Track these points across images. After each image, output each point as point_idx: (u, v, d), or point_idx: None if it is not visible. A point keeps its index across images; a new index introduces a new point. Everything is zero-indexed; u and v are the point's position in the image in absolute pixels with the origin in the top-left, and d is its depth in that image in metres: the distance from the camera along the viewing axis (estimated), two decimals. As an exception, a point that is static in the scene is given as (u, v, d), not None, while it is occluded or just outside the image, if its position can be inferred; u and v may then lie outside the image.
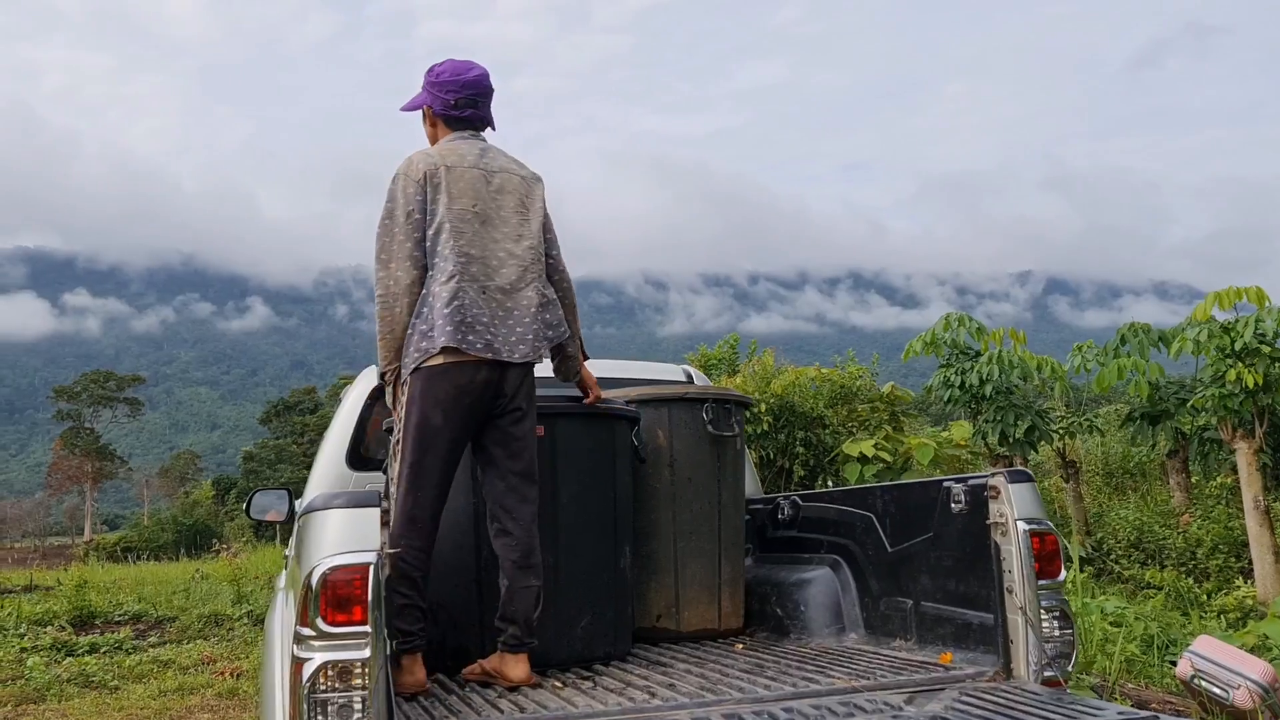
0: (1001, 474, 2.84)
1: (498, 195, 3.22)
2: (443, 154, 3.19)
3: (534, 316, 3.17)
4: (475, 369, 3.03)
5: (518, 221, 3.24)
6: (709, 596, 3.73)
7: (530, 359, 3.16)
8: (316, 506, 2.39)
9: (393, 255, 3.10)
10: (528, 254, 3.22)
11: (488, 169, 3.23)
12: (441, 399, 3.00)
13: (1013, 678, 2.76)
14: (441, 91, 3.30)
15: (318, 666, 2.24)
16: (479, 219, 3.15)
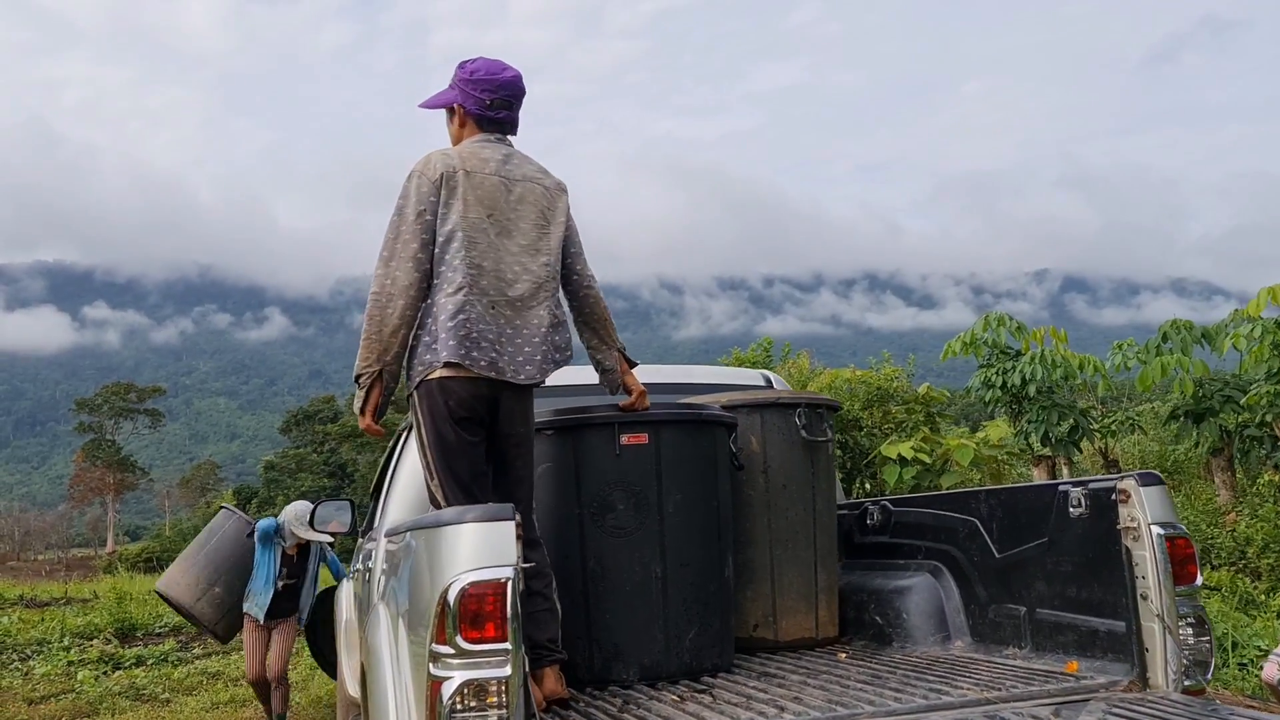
0: (1132, 477, 2.76)
1: (518, 205, 3.08)
2: (464, 156, 3.05)
3: (544, 337, 3.04)
4: (475, 384, 2.93)
5: (536, 235, 3.09)
6: (806, 605, 3.66)
7: (535, 380, 3.04)
8: (448, 520, 2.33)
9: (395, 254, 2.96)
10: (543, 270, 3.08)
11: (509, 177, 3.09)
12: (449, 412, 2.92)
13: (1149, 687, 2.68)
14: (476, 90, 3.14)
15: (458, 686, 2.18)
16: (495, 229, 3.01)
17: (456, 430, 2.91)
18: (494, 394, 2.97)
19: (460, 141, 3.18)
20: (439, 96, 3.23)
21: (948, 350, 12.43)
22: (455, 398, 2.91)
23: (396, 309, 2.93)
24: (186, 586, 6.74)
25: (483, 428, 2.98)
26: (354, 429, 52.86)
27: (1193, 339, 11.09)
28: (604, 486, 3.15)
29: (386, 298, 2.94)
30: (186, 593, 6.72)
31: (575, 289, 3.25)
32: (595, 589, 3.12)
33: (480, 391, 2.93)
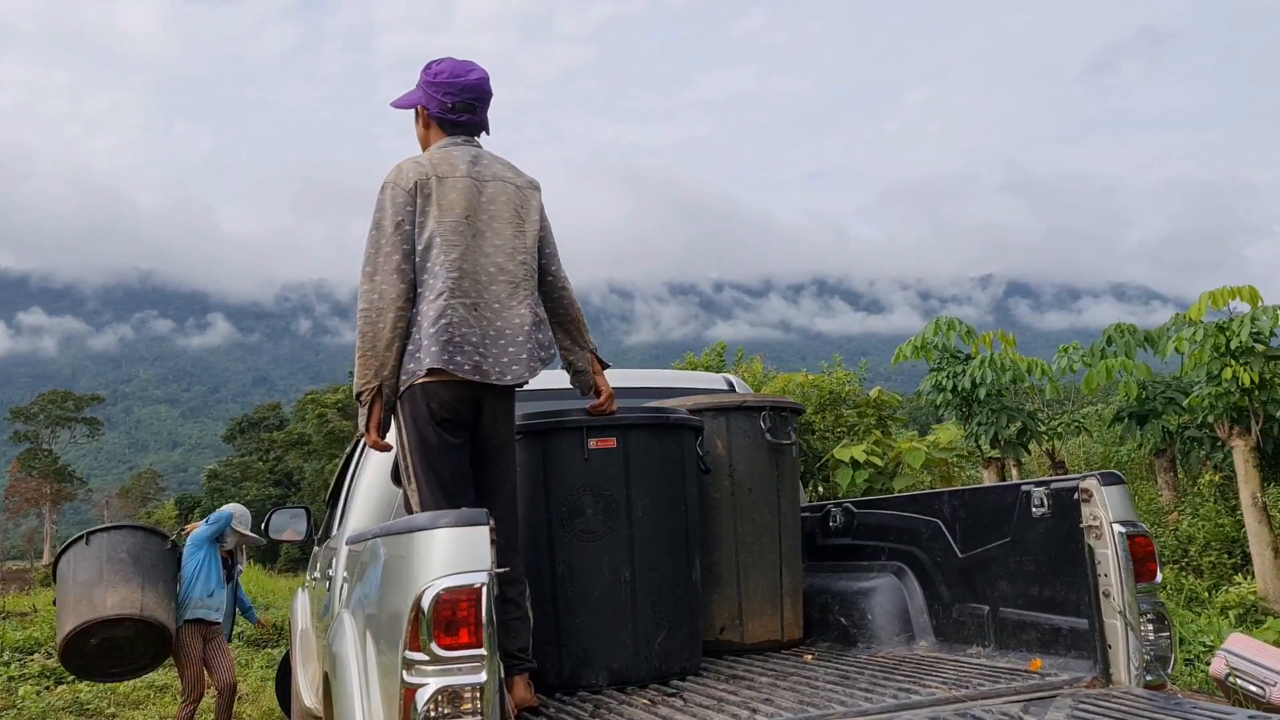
0: (1094, 477, 2.81)
1: (490, 206, 3.06)
2: (434, 162, 3.04)
3: (527, 335, 3.03)
4: (458, 386, 2.91)
5: (511, 234, 3.09)
6: (772, 608, 3.68)
7: (522, 380, 3.03)
8: (421, 525, 2.30)
9: (378, 268, 2.93)
10: (520, 269, 3.07)
11: (480, 178, 3.07)
12: (430, 414, 2.90)
13: (1112, 683, 2.73)
14: (439, 93, 3.12)
15: (433, 692, 2.16)
16: (471, 231, 3.00)
17: (439, 432, 2.89)
18: (477, 395, 2.95)
19: (428, 143, 3.17)
20: (406, 97, 3.21)
21: (899, 354, 12.56)
22: (438, 400, 2.89)
23: (387, 322, 2.91)
24: (122, 600, 6.02)
25: (466, 430, 2.96)
26: (300, 436, 52.15)
27: (1136, 342, 11.32)
28: (573, 490, 3.14)
29: (376, 313, 2.92)
30: (125, 605, 6.00)
31: (549, 290, 3.24)
32: (564, 593, 3.11)
33: (463, 393, 2.92)
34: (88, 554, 6.23)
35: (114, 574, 6.12)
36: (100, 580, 6.08)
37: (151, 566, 6.27)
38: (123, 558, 6.20)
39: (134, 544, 6.29)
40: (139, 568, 6.18)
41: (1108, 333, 11.47)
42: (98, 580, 6.09)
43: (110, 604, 5.97)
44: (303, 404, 56.22)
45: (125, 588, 6.08)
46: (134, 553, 6.26)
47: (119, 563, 6.17)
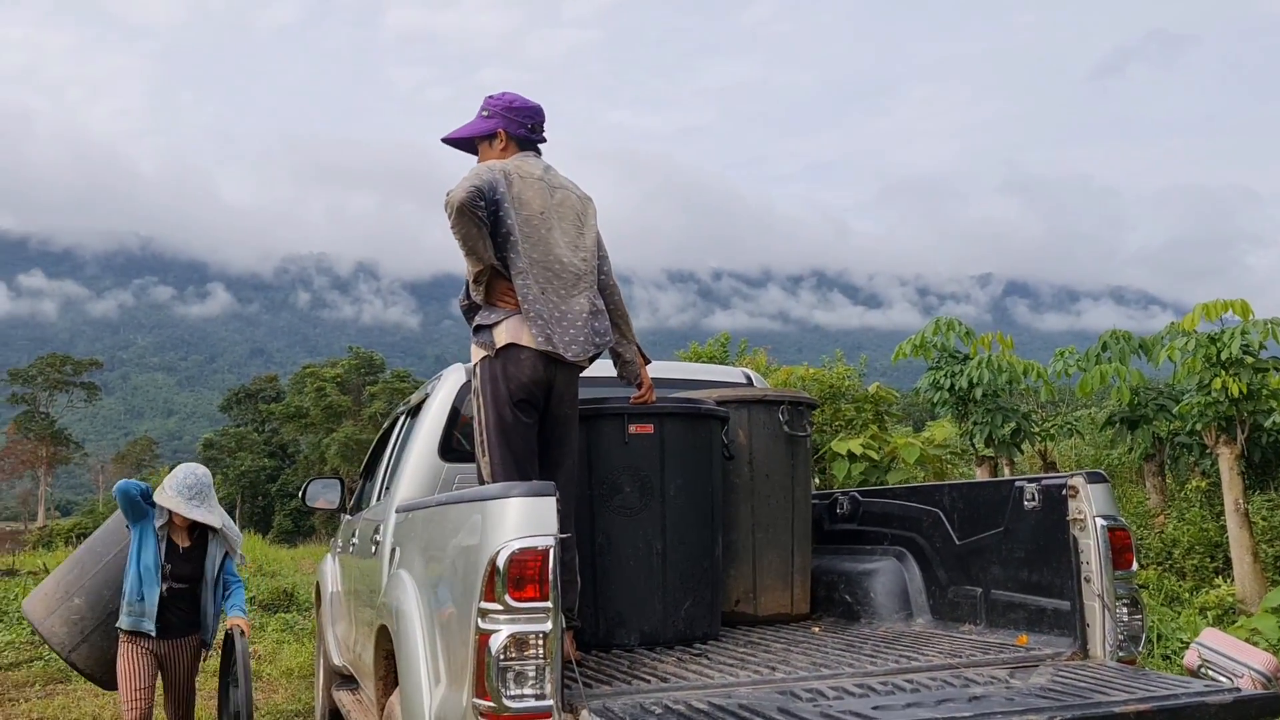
0: (1081, 475, 3.16)
1: (559, 208, 3.52)
2: (515, 166, 3.48)
3: (585, 322, 3.46)
4: (534, 361, 3.32)
5: (575, 234, 3.54)
6: (783, 584, 4.04)
7: (581, 360, 3.44)
8: (496, 495, 2.65)
9: (460, 188, 3.26)
10: (582, 265, 3.52)
11: (551, 183, 3.53)
12: (509, 395, 3.31)
13: (1089, 657, 3.09)
14: (517, 116, 3.60)
15: (505, 638, 2.51)
16: (545, 227, 3.43)
17: (515, 412, 3.28)
18: (549, 377, 3.35)
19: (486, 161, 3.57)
20: (477, 126, 3.61)
21: (898, 352, 12.89)
22: (515, 382, 3.29)
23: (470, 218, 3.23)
24: (43, 598, 5.03)
25: (537, 411, 3.35)
26: (298, 409, 52.50)
27: (1130, 349, 11.66)
28: (613, 470, 3.50)
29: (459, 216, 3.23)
30: (40, 606, 5.01)
31: (601, 288, 3.65)
32: (602, 562, 3.47)
33: (538, 375, 3.31)
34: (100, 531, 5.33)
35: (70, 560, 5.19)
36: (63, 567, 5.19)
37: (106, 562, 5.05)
38: (90, 543, 5.22)
39: (114, 526, 5.18)
40: (86, 559, 5.11)
41: (1103, 338, 11.80)
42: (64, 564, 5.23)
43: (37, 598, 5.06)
44: (300, 377, 56.50)
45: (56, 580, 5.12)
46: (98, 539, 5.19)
47: (82, 549, 5.23)
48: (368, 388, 51.26)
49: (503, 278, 3.36)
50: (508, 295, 3.36)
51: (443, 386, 4.48)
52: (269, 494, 56.18)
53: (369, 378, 52.87)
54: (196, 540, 4.91)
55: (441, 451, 4.32)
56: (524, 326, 3.32)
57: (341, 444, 47.34)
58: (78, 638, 4.94)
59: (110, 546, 5.04)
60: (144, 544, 4.77)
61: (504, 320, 3.35)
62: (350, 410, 50.74)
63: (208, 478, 4.86)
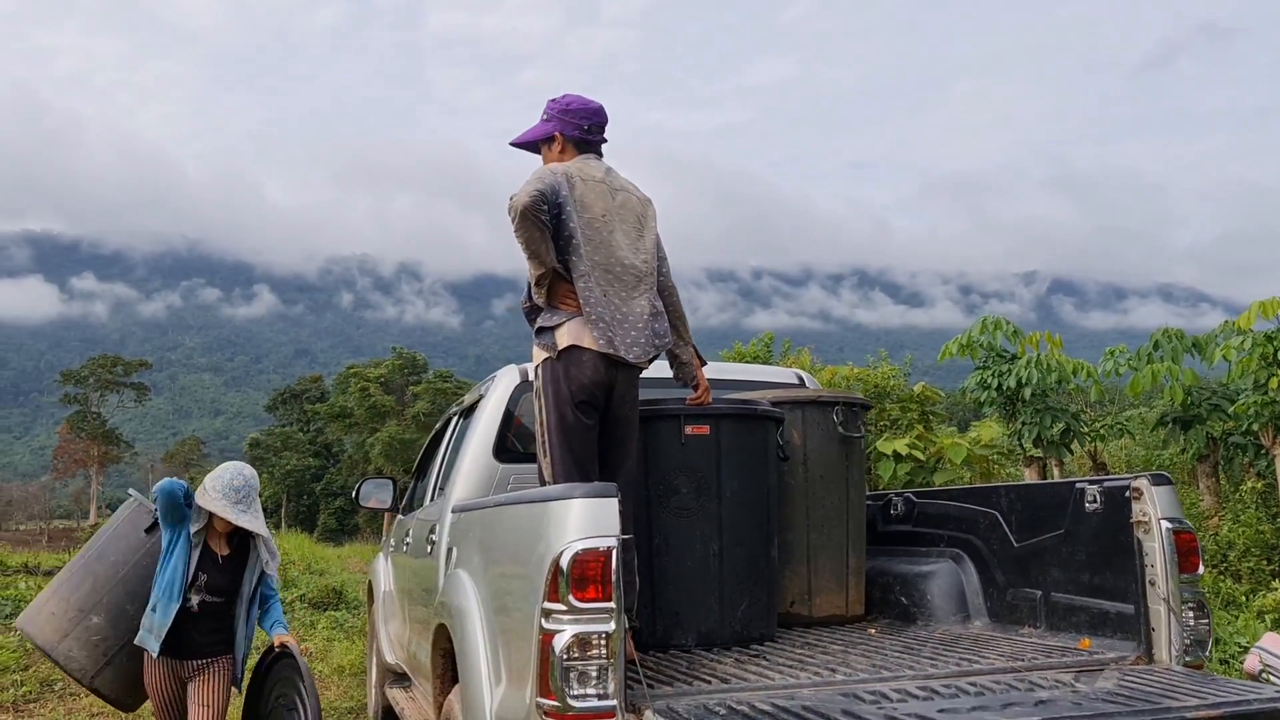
0: (1145, 477, 3.12)
1: (620, 210, 3.54)
2: (577, 168, 3.50)
3: (646, 324, 3.48)
4: (595, 363, 3.35)
5: (635, 236, 3.56)
6: (838, 585, 4.03)
7: (642, 361, 3.46)
8: (557, 496, 2.67)
9: (524, 191, 3.29)
10: (643, 266, 3.54)
11: (612, 186, 3.56)
12: (571, 396, 3.33)
13: (1154, 662, 3.05)
14: (575, 119, 3.61)
15: (568, 638, 2.53)
16: (606, 229, 3.45)
17: (576, 413, 3.31)
18: (610, 379, 3.37)
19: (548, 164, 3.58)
20: (537, 130, 3.64)
21: (945, 351, 12.79)
22: (576, 383, 3.31)
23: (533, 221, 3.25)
24: (49, 617, 4.41)
25: (598, 412, 3.37)
26: (342, 409, 53.10)
27: (1183, 348, 11.48)
28: (670, 471, 3.51)
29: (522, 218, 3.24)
30: (48, 626, 4.39)
31: (660, 289, 3.67)
32: (660, 563, 3.48)
33: (599, 377, 3.34)
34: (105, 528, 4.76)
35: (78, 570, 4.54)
36: (63, 577, 4.58)
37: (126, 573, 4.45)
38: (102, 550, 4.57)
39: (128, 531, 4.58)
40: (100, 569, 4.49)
41: (1155, 337, 11.63)
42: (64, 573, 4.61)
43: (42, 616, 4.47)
44: (344, 377, 57.10)
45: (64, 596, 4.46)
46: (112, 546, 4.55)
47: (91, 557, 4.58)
48: (411, 388, 51.72)
49: (564, 280, 3.38)
50: (569, 297, 3.38)
51: (497, 388, 4.51)
52: (314, 493, 56.87)
53: (412, 378, 53.34)
54: (236, 549, 4.35)
55: (496, 452, 4.36)
56: (586, 329, 3.34)
57: (385, 443, 47.79)
58: (100, 661, 4.35)
59: (128, 555, 4.44)
60: (175, 551, 4.20)
61: (566, 322, 3.37)
62: (394, 410, 51.21)
63: (255, 479, 4.32)
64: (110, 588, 4.39)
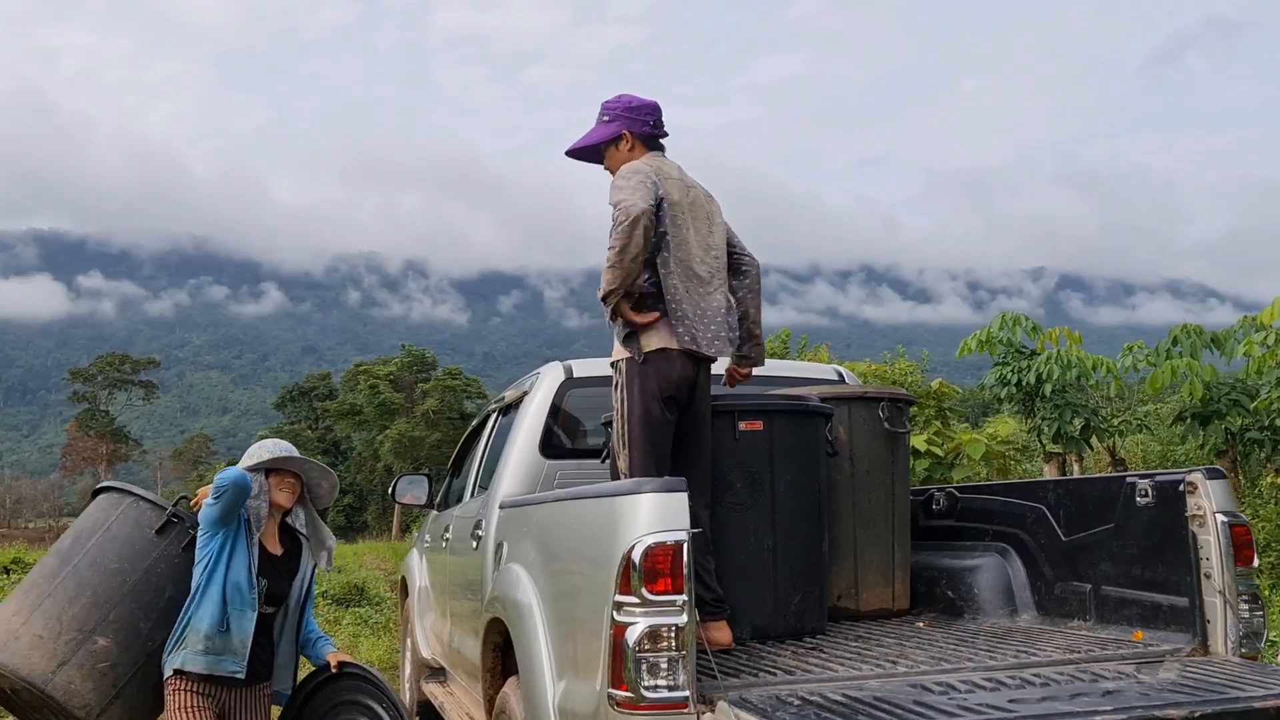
0: (1199, 471, 3.16)
1: (693, 206, 3.59)
2: (657, 166, 3.53)
3: (723, 319, 3.54)
4: (681, 361, 3.41)
5: (706, 232, 3.61)
6: (884, 579, 4.07)
7: (719, 356, 3.55)
8: (628, 490, 2.71)
9: (633, 191, 3.33)
10: (715, 262, 3.60)
11: (685, 182, 3.61)
12: (658, 391, 3.37)
13: (1209, 654, 3.08)
14: (642, 116, 3.64)
15: (641, 631, 2.57)
16: (685, 225, 3.51)
17: (662, 408, 3.36)
18: (694, 375, 3.44)
19: (624, 164, 3.58)
20: (602, 132, 3.62)
21: (964, 347, 12.82)
22: (664, 378, 3.36)
23: (641, 230, 3.25)
24: (35, 641, 3.57)
25: (679, 408, 3.42)
26: (351, 407, 53.24)
27: (1202, 344, 11.49)
28: (724, 467, 3.56)
29: (630, 221, 3.24)
30: (35, 653, 3.56)
31: (740, 262, 3.77)
32: (715, 557, 3.51)
33: (687, 373, 3.41)
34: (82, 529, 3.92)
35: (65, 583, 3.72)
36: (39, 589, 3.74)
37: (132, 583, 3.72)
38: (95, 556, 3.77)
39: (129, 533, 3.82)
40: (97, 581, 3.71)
41: (1174, 333, 11.64)
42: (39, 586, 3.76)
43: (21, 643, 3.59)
44: (353, 374, 57.18)
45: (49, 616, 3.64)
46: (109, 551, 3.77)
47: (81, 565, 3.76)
48: (420, 385, 51.80)
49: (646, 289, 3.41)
50: (653, 298, 3.42)
51: (542, 384, 4.55)
52: (323, 490, 56.92)
53: (421, 375, 53.43)
54: (289, 549, 3.97)
55: (542, 448, 4.40)
56: (670, 328, 3.38)
57: (395, 441, 47.88)
58: (110, 693, 3.62)
59: (134, 560, 3.72)
60: (234, 553, 3.69)
61: (651, 325, 3.40)
62: (403, 407, 51.29)
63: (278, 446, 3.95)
64: (116, 601, 3.64)
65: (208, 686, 3.67)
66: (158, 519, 3.82)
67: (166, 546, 3.78)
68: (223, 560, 3.68)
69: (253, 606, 3.71)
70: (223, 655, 3.65)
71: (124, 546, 3.77)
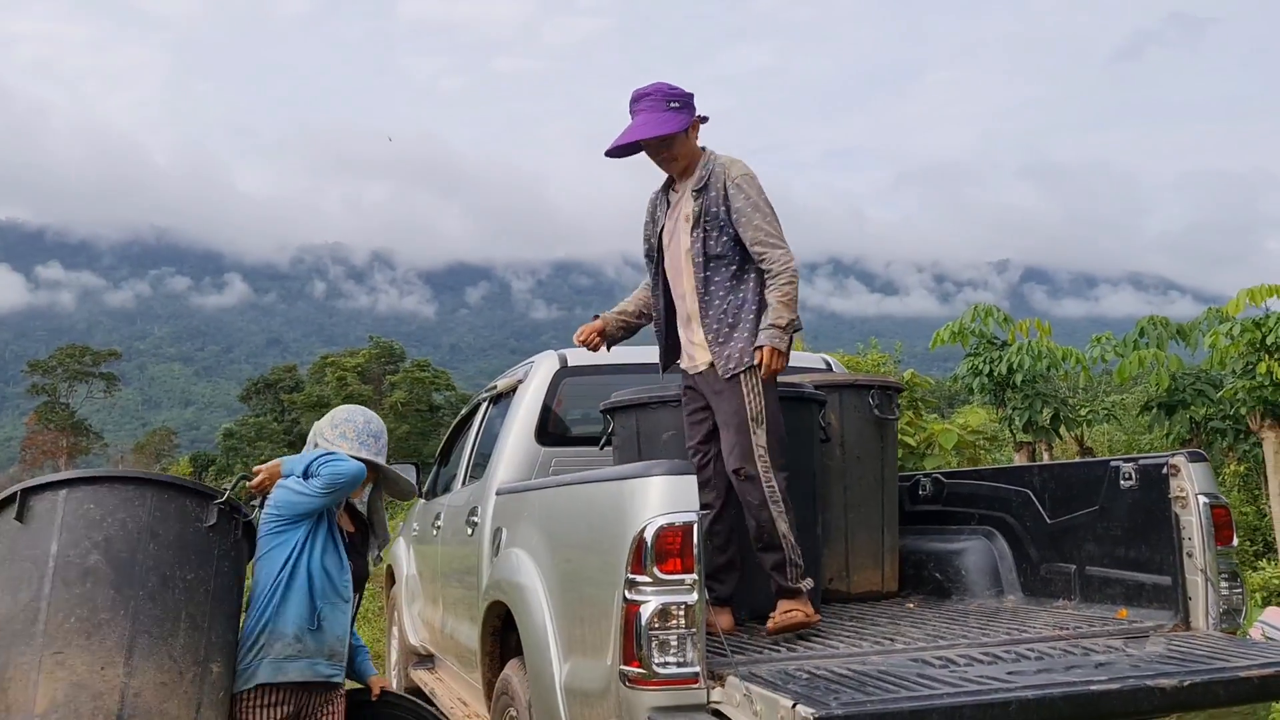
0: (1182, 455, 3.29)
1: None
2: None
3: None
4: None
5: None
6: (874, 562, 4.17)
7: None
8: (638, 474, 2.79)
9: (782, 235, 3.52)
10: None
11: None
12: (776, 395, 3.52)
13: (1191, 629, 3.21)
14: (693, 104, 3.59)
15: (653, 609, 2.65)
16: None
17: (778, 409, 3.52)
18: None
19: (695, 153, 3.60)
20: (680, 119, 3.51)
21: (936, 338, 12.96)
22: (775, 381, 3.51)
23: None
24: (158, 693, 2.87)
25: None
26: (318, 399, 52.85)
27: (1168, 335, 11.74)
28: (723, 452, 3.61)
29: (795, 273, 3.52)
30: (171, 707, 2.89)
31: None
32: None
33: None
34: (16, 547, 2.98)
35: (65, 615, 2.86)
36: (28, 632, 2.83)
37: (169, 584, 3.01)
38: (95, 566, 2.93)
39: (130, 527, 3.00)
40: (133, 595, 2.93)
41: (1141, 325, 11.87)
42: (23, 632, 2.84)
43: (42, 704, 2.77)
44: (320, 367, 56.77)
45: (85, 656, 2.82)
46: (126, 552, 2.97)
47: (83, 580, 2.91)
48: (389, 377, 51.56)
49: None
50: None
51: (537, 373, 4.61)
52: (290, 483, 56.54)
53: (389, 367, 53.17)
54: (358, 527, 3.61)
55: (538, 436, 4.47)
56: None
57: (364, 433, 47.64)
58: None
59: (203, 567, 3.10)
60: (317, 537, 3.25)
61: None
62: (371, 399, 51.03)
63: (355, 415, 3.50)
64: (209, 618, 3.07)
65: (289, 696, 3.16)
66: (203, 510, 3.14)
67: (222, 540, 3.16)
68: (307, 548, 3.22)
69: (347, 596, 3.30)
70: (315, 658, 3.18)
71: (185, 552, 3.08)
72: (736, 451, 3.36)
